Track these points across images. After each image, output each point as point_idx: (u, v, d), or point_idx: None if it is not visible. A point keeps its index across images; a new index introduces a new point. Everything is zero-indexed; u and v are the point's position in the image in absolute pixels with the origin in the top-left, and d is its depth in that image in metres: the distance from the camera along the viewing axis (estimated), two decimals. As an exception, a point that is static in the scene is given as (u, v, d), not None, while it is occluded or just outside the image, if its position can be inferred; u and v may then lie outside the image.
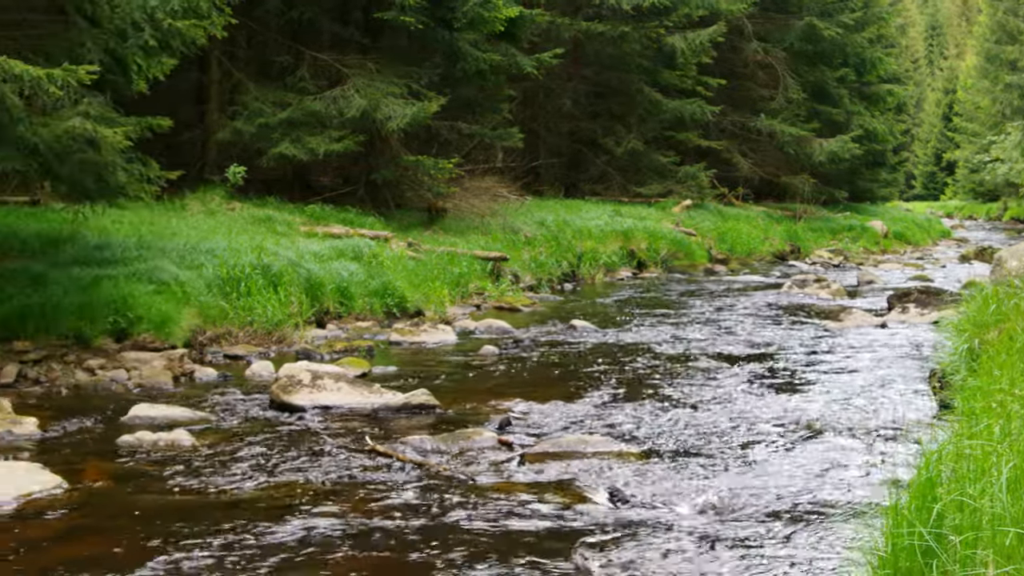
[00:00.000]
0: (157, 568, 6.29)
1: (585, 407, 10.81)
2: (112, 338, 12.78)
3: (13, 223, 16.15)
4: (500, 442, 9.30)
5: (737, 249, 32.43)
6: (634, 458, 8.86)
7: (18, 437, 9.28)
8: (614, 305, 20.20)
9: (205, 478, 8.19)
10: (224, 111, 24.19)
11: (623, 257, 27.43)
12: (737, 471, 8.50)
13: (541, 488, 8.06)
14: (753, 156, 42.23)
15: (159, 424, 9.71)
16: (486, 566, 6.40)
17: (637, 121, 37.00)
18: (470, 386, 12.09)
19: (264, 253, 15.99)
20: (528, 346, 14.83)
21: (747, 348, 14.76)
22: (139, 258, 14.69)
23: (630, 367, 13.24)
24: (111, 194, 13.53)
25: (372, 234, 20.45)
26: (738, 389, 11.83)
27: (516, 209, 27.20)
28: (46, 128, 11.89)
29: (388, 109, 22.07)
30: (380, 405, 10.65)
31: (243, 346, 13.81)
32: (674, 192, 36.39)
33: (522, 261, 22.84)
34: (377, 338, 15.13)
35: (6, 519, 7.21)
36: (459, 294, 19.27)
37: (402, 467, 8.55)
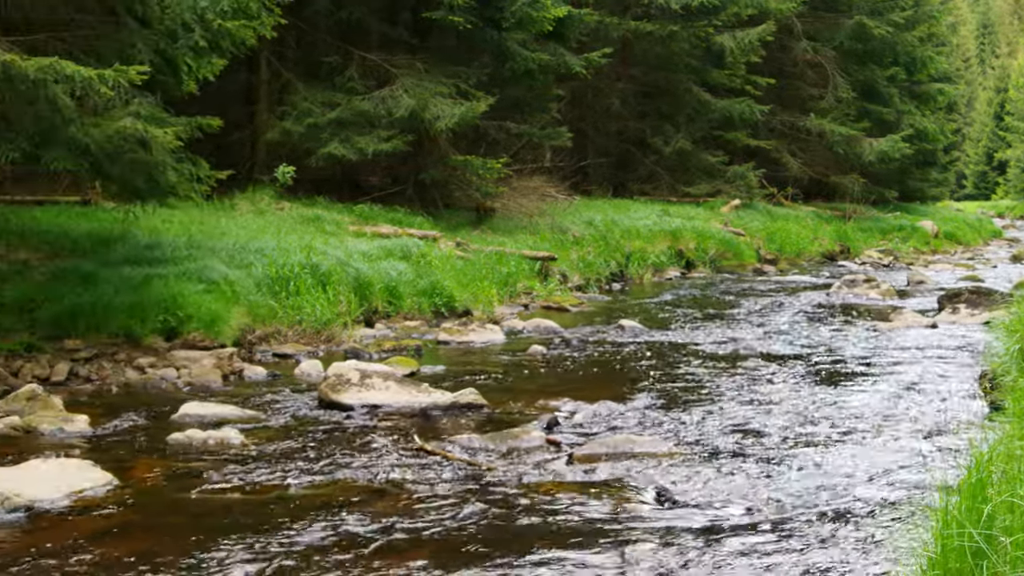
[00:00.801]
0: (206, 565, 6.31)
1: (633, 407, 10.78)
2: (162, 337, 12.86)
3: (64, 223, 16.27)
4: (548, 442, 9.28)
5: (786, 249, 32.27)
6: (682, 458, 8.82)
7: (69, 434, 9.35)
8: (662, 305, 20.15)
9: (254, 476, 8.22)
10: (273, 111, 24.29)
11: (671, 257, 27.36)
12: (786, 471, 8.45)
13: (589, 488, 8.04)
14: (802, 156, 42.01)
15: (209, 422, 9.75)
16: (534, 566, 6.39)
17: (685, 120, 36.88)
18: (518, 386, 12.08)
19: (313, 252, 16.04)
20: (576, 346, 14.81)
21: (796, 348, 14.68)
22: (189, 257, 14.77)
23: (679, 367, 13.19)
24: (161, 194, 13.61)
25: (420, 234, 20.48)
26: (787, 389, 11.76)
27: (564, 209, 27.19)
28: (97, 128, 11.97)
29: (436, 109, 22.10)
30: (428, 404, 10.65)
31: (292, 345, 13.86)
32: (723, 192, 36.27)
33: (570, 261, 22.81)
34: (425, 337, 15.15)
35: (58, 516, 7.25)
36: (507, 294, 19.27)
37: (450, 466, 8.55)
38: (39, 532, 6.93)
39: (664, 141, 36.05)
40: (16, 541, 6.74)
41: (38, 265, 13.99)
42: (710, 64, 36.96)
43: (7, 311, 12.56)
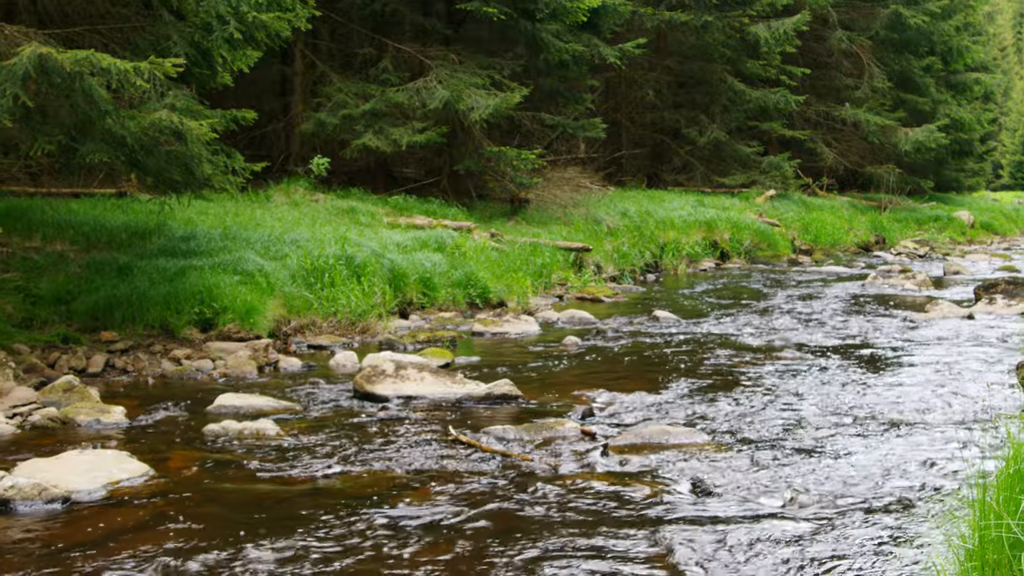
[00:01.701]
0: (243, 556, 6.33)
1: (668, 398, 10.76)
2: (198, 328, 12.91)
3: (100, 215, 16.35)
4: (583, 432, 9.27)
5: (821, 240, 32.15)
6: (717, 449, 8.80)
7: (106, 425, 9.39)
8: (697, 296, 20.10)
9: (290, 467, 8.24)
10: (308, 103, 24.36)
11: (706, 248, 27.30)
12: (822, 463, 8.41)
13: (624, 478, 8.02)
14: (837, 146, 41.83)
15: (244, 413, 9.78)
16: (568, 555, 6.38)
17: (720, 111, 36.77)
18: (553, 376, 12.07)
19: (348, 244, 16.09)
20: (611, 337, 14.78)
21: (832, 339, 14.62)
22: (224, 249, 14.84)
23: (713, 358, 13.15)
24: (197, 186, 13.65)
25: (455, 225, 20.50)
26: (822, 380, 11.71)
27: (598, 200, 27.16)
28: (133, 121, 12.01)
29: (471, 100, 22.10)
30: (463, 395, 10.66)
31: (327, 336, 13.89)
32: (757, 182, 36.17)
33: (604, 252, 22.78)
34: (460, 329, 15.16)
35: (95, 506, 7.29)
36: (542, 285, 19.26)
37: (485, 457, 8.55)
38: (77, 523, 6.96)
39: (699, 131, 35.95)
40: (54, 532, 6.78)
41: (74, 257, 14.07)
42: (745, 54, 36.82)
43: (44, 303, 12.64)
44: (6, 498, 7.13)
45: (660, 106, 36.87)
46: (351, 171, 24.64)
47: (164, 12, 13.26)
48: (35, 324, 12.28)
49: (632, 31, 32.05)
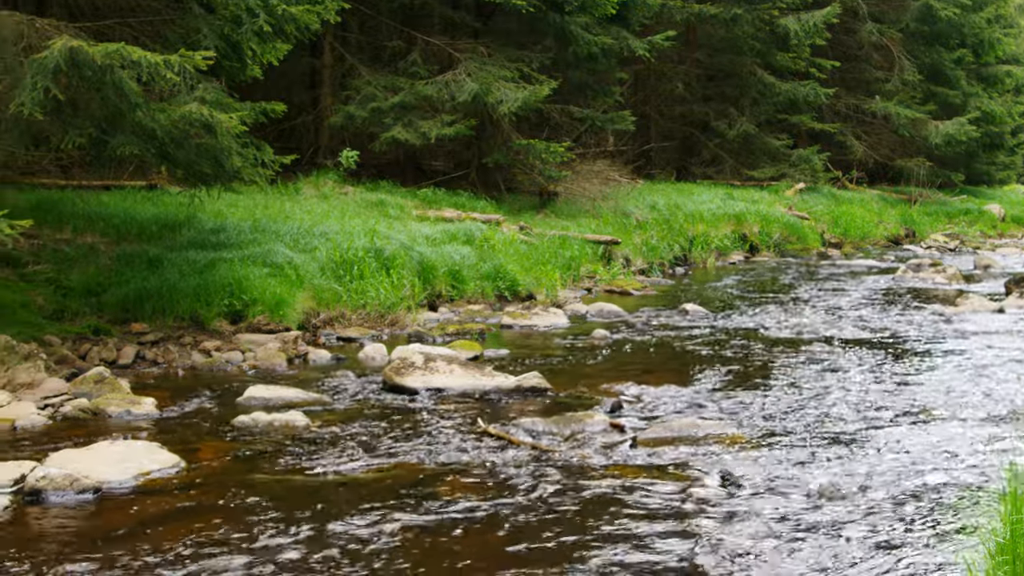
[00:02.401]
0: (272, 547, 6.35)
1: (697, 391, 10.74)
2: (227, 320, 12.95)
3: (131, 207, 16.41)
4: (612, 425, 9.26)
5: (851, 233, 32.04)
6: (747, 442, 8.78)
7: (136, 417, 9.43)
8: (726, 289, 20.06)
9: (319, 459, 8.26)
10: (337, 96, 24.40)
11: (735, 241, 27.23)
12: (852, 456, 8.38)
13: (653, 471, 8.02)
14: (867, 139, 41.62)
15: (274, 405, 9.80)
16: (598, 547, 6.38)
17: (749, 104, 36.62)
18: (582, 369, 12.07)
19: (377, 236, 16.10)
20: (640, 330, 14.77)
21: (861, 333, 14.56)
22: (254, 241, 14.88)
23: (742, 351, 13.13)
24: (226, 178, 13.68)
25: (484, 217, 20.50)
26: (852, 374, 11.67)
27: (627, 193, 27.11)
28: (163, 113, 12.05)
29: (500, 93, 22.08)
30: (492, 388, 10.66)
31: (356, 328, 13.91)
32: (787, 175, 36.02)
33: (633, 245, 22.75)
34: (489, 321, 15.16)
35: (126, 497, 7.32)
36: (570, 277, 19.24)
37: (514, 449, 8.55)
38: (108, 513, 7.00)
39: (728, 124, 35.81)
40: (86, 522, 6.82)
41: (105, 249, 14.13)
42: (774, 47, 36.66)
43: (75, 295, 12.70)
44: (38, 488, 7.18)
45: (689, 99, 36.74)
46: (380, 164, 24.66)
47: (194, 5, 13.29)
48: (66, 316, 12.34)
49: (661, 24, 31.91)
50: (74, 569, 6.00)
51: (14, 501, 7.11)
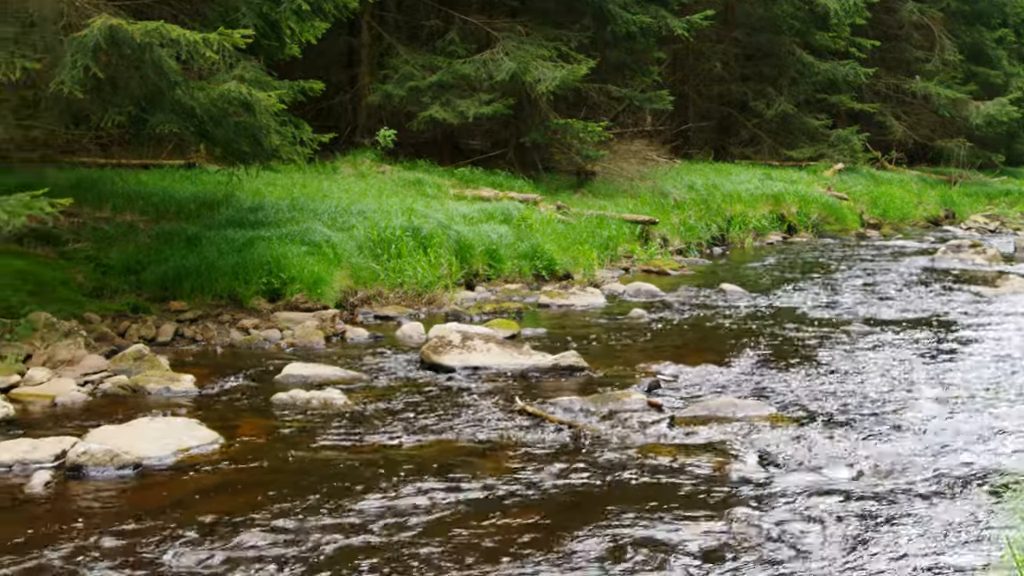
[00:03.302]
0: (310, 523, 6.37)
1: (735, 371, 10.71)
2: (265, 298, 12.98)
3: (169, 186, 16.49)
4: (649, 404, 9.25)
5: (890, 214, 31.82)
6: (785, 422, 8.75)
7: (175, 393, 9.48)
8: (764, 269, 19.99)
9: (357, 436, 8.28)
10: (375, 75, 24.39)
11: (773, 221, 27.09)
12: (890, 437, 8.35)
13: (691, 450, 8.01)
14: (907, 119, 41.31)
15: (312, 383, 9.83)
16: (635, 526, 6.38)
17: (788, 83, 36.39)
18: (619, 349, 12.06)
19: (414, 215, 16.12)
20: (677, 309, 14.73)
21: (900, 313, 14.48)
22: (291, 220, 14.91)
23: (780, 331, 13.08)
24: (265, 157, 13.73)
25: (521, 197, 20.47)
26: (891, 355, 11.62)
27: (665, 172, 27.02)
28: (202, 92, 12.09)
29: (537, 72, 22.02)
30: (529, 366, 10.66)
31: (393, 307, 13.93)
32: (826, 156, 35.79)
33: (671, 224, 22.68)
34: (526, 300, 15.15)
35: (165, 473, 7.37)
36: (607, 257, 19.21)
37: (551, 428, 8.55)
38: (148, 489, 7.05)
39: (766, 104, 35.61)
40: (126, 497, 6.86)
41: (144, 228, 14.19)
42: (814, 26, 36.38)
43: (114, 273, 12.77)
44: (79, 464, 7.23)
45: (728, 78, 36.55)
46: (418, 143, 24.66)
47: (233, -17, 13.32)
48: (105, 293, 12.40)
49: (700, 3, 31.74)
50: (115, 543, 6.04)
51: (56, 476, 7.16)
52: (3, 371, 9.51)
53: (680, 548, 6.08)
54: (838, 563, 5.89)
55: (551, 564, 5.85)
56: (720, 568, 5.81)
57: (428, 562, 5.87)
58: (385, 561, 5.88)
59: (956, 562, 5.91)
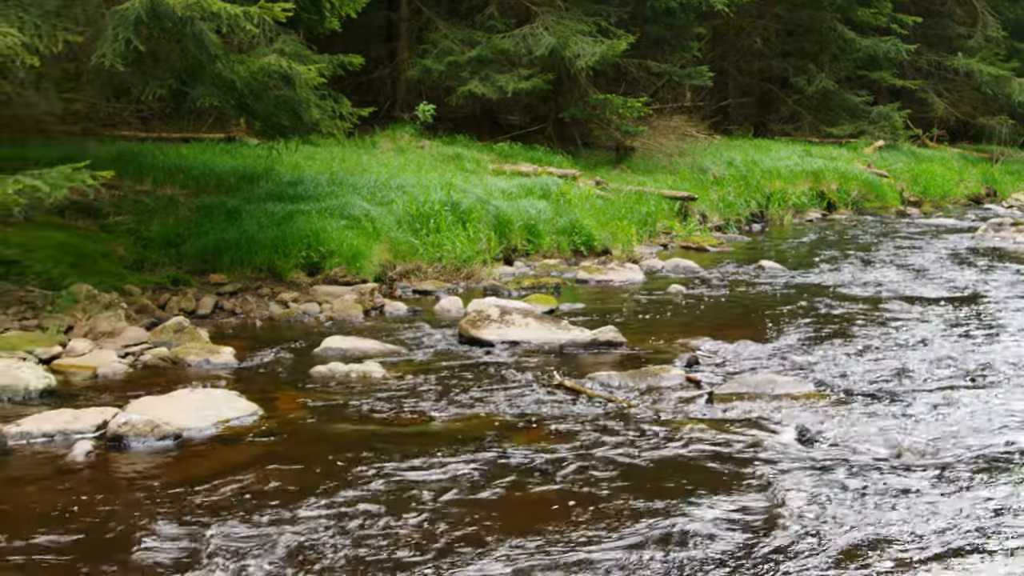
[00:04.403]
0: (348, 493, 6.40)
1: (774, 347, 10.68)
2: (304, 272, 13.02)
3: (209, 160, 16.55)
4: (688, 380, 9.24)
5: (930, 191, 31.60)
6: (823, 399, 8.73)
7: (215, 366, 9.53)
8: (803, 246, 19.90)
9: (396, 409, 8.31)
10: (414, 49, 24.39)
11: (812, 198, 26.95)
12: (930, 415, 8.31)
13: (729, 425, 8.00)
14: (948, 96, 40.96)
15: (351, 356, 9.86)
16: (673, 500, 6.38)
17: (829, 60, 36.13)
18: (657, 324, 12.04)
19: (453, 190, 16.13)
20: (716, 286, 14.70)
21: (940, 291, 14.39)
22: (331, 194, 14.95)
23: (819, 308, 13.03)
24: (305, 131, 13.75)
25: (560, 172, 20.45)
26: (931, 333, 11.55)
27: (704, 148, 26.93)
28: (242, 65, 12.11)
29: (577, 47, 21.96)
30: (567, 341, 10.66)
31: (432, 282, 13.95)
32: (866, 133, 35.53)
33: (710, 201, 22.60)
34: (564, 276, 15.15)
35: (205, 444, 7.42)
36: (646, 233, 19.16)
37: (590, 402, 8.55)
38: (187, 459, 7.09)
39: (807, 80, 35.36)
40: (166, 468, 6.91)
41: (184, 201, 14.26)
42: (855, 2, 36.07)
43: (154, 246, 12.84)
44: (120, 434, 7.28)
45: (768, 54, 36.32)
46: (456, 118, 24.65)
47: (273, -43, 13.32)
48: (146, 266, 12.48)
49: (740, -22, 31.60)
50: (156, 512, 6.08)
51: (97, 446, 7.22)
52: (45, 342, 9.59)
53: (718, 523, 6.07)
54: (875, 540, 5.88)
55: (588, 537, 5.86)
56: (759, 543, 5.81)
57: (465, 533, 5.88)
58: (421, 532, 5.90)
59: (996, 542, 5.89)
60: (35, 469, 6.85)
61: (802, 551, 5.72)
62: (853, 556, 5.68)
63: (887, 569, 5.54)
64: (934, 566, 5.58)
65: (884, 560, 5.64)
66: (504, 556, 5.61)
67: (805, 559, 5.63)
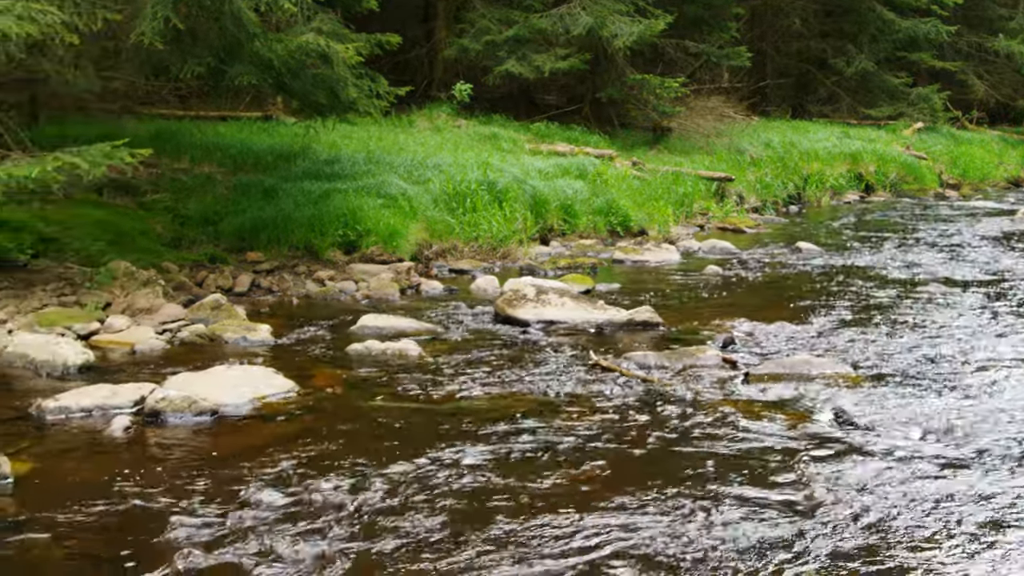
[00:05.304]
0: (383, 470, 6.41)
1: (810, 329, 10.64)
2: (341, 250, 13.06)
3: (247, 138, 16.60)
4: (724, 360, 9.22)
5: (970, 174, 31.37)
6: (860, 381, 8.69)
7: (252, 343, 9.56)
8: (841, 228, 19.81)
9: (431, 387, 8.32)
10: (451, 29, 24.36)
11: (850, 180, 26.81)
12: (968, 398, 8.26)
13: (765, 406, 7.98)
14: (989, 78, 40.64)
15: (387, 334, 9.88)
16: (708, 480, 6.37)
17: (868, 41, 35.87)
18: (693, 305, 12.02)
19: (490, 169, 16.13)
20: (752, 267, 14.66)
21: (978, 274, 14.30)
22: (368, 173, 14.97)
23: (856, 290, 12.97)
24: (342, 109, 13.77)
25: (596, 152, 20.42)
26: (969, 316, 11.48)
27: (742, 130, 26.80)
28: (280, 43, 12.13)
29: (614, 27, 21.89)
30: (603, 321, 10.65)
31: (468, 261, 13.96)
32: (905, 114, 35.29)
33: (747, 182, 22.52)
34: (600, 256, 15.14)
35: (241, 420, 7.45)
36: (683, 214, 19.12)
37: (625, 382, 8.54)
38: (224, 435, 7.13)
39: (846, 62, 35.13)
40: (204, 443, 6.95)
41: (221, 179, 14.32)
42: (895, -18, 35.88)
43: (192, 223, 12.90)
44: (158, 410, 7.32)
45: (806, 35, 36.11)
46: (493, 97, 24.62)
47: (312, -64, 13.33)
48: (183, 244, 12.54)
49: (780, -42, 31.45)
50: (193, 487, 6.11)
51: (135, 421, 7.26)
52: (83, 318, 9.65)
53: (753, 504, 6.06)
54: (911, 524, 5.85)
55: (622, 516, 5.86)
56: (794, 524, 5.79)
57: (501, 511, 5.89)
58: (457, 509, 5.91)
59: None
60: (74, 443, 6.90)
61: (838, 533, 5.70)
62: (888, 538, 5.66)
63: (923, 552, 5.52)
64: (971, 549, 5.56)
65: (920, 543, 5.62)
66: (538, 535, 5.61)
67: (840, 541, 5.61)
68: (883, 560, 5.40)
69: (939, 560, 5.41)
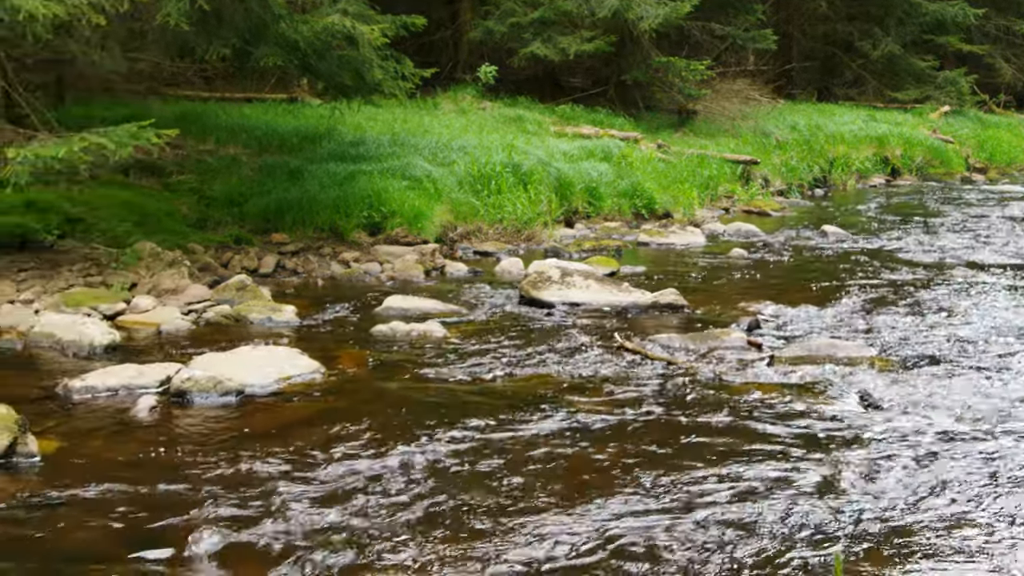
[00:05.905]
0: (408, 450, 6.43)
1: (835, 312, 10.60)
2: (366, 232, 13.07)
3: (272, 120, 16.62)
4: (749, 343, 9.20)
5: (997, 158, 31.21)
6: (886, 364, 8.67)
7: (277, 324, 9.59)
8: (866, 211, 19.74)
9: (456, 368, 8.33)
10: (476, 11, 24.32)
11: (876, 163, 26.69)
12: (994, 382, 8.23)
13: (790, 389, 7.96)
14: (1017, 62, 40.36)
15: (411, 316, 9.88)
16: (732, 462, 6.37)
17: (895, 23, 35.66)
18: (718, 288, 12.00)
19: (514, 152, 16.11)
20: (777, 250, 14.62)
21: (1005, 259, 14.24)
22: (392, 155, 14.96)
23: (882, 274, 12.92)
24: (367, 91, 13.77)
25: (621, 135, 20.38)
26: (996, 300, 11.43)
27: (767, 112, 26.71)
28: (306, 25, 12.14)
29: (640, 9, 21.80)
30: (628, 303, 10.64)
31: (492, 243, 13.96)
32: (932, 98, 35.08)
33: (772, 165, 22.45)
34: (625, 238, 15.12)
35: (267, 400, 7.47)
36: (708, 197, 19.06)
37: (650, 365, 8.54)
38: (249, 415, 7.15)
39: (872, 45, 34.94)
40: (229, 423, 6.97)
41: (247, 160, 14.35)
42: (922, -35, 35.67)
43: (217, 205, 12.93)
44: (184, 389, 7.34)
45: (833, 18, 35.92)
46: (518, 80, 24.58)
47: (337, -83, 13.33)
48: (209, 225, 12.57)
49: (806, -60, 31.29)
50: (219, 467, 6.14)
51: (160, 401, 7.29)
52: (109, 299, 9.69)
53: (778, 487, 6.05)
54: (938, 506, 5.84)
55: (647, 498, 5.86)
56: (819, 507, 5.79)
57: (524, 492, 5.90)
58: (480, 490, 5.92)
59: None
60: (100, 422, 6.93)
61: (863, 516, 5.70)
62: (916, 522, 5.65)
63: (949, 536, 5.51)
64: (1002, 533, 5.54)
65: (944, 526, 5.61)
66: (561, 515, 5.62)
67: (866, 524, 5.61)
68: (910, 544, 5.40)
69: (969, 543, 5.40)
